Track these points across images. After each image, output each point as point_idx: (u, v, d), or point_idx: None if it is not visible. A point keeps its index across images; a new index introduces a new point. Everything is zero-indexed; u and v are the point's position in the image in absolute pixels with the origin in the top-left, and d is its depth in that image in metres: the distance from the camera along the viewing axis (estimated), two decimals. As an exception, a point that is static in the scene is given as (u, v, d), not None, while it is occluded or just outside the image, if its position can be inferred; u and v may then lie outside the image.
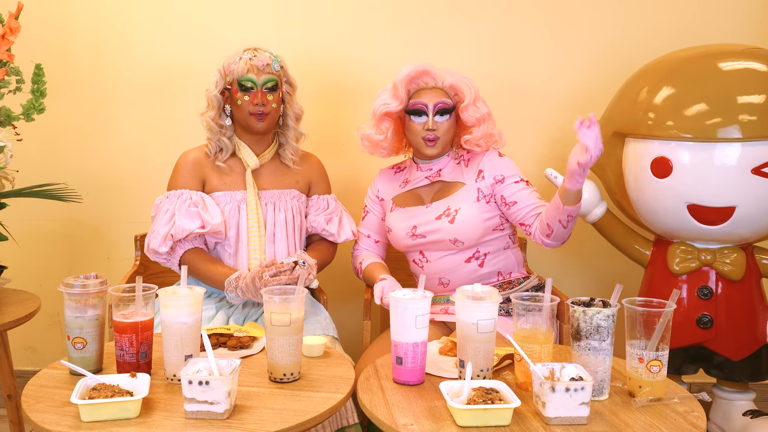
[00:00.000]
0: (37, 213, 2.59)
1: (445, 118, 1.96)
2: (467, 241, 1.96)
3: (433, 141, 1.97)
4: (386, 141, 2.05)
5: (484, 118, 1.97)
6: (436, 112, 1.95)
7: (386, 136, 2.04)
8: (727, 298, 2.07)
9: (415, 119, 1.97)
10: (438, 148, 1.99)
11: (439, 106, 1.95)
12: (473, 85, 1.98)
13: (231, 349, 1.59)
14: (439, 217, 1.97)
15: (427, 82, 1.99)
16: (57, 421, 1.23)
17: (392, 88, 1.99)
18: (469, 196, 1.98)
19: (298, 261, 1.84)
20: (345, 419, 1.69)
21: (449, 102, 1.97)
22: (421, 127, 1.96)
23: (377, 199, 2.17)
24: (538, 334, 1.40)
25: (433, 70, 1.99)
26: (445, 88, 1.99)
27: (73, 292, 1.44)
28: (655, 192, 2.03)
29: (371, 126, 2.06)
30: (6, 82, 2.02)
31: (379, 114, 2.01)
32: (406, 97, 1.99)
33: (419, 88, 1.99)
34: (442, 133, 1.97)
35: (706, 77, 1.99)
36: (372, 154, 2.10)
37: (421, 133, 1.97)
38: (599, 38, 2.54)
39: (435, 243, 2.00)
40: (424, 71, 1.98)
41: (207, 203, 1.96)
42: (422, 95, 1.97)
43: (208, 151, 2.03)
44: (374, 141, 2.06)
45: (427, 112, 1.95)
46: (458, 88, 1.97)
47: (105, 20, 2.56)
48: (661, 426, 1.24)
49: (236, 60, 1.97)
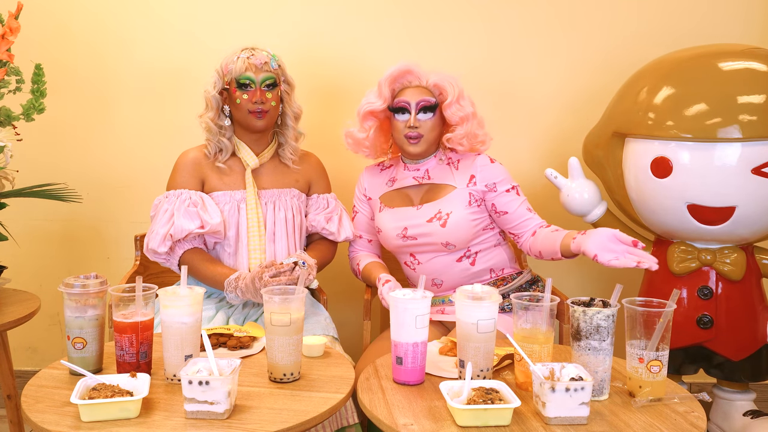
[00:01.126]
0: (37, 213, 2.59)
1: (428, 116, 1.97)
2: (459, 244, 1.97)
3: (416, 139, 1.97)
4: (368, 140, 2.06)
5: (468, 117, 1.97)
6: (419, 110, 1.96)
7: (368, 135, 2.05)
8: (727, 298, 2.07)
9: (399, 117, 1.98)
10: (422, 147, 1.98)
11: (422, 104, 1.95)
12: (458, 83, 1.99)
13: (231, 349, 1.59)
14: (431, 220, 1.97)
15: (410, 81, 2.00)
16: (57, 421, 1.23)
17: (377, 87, 2.01)
18: (460, 200, 1.98)
19: (297, 261, 1.84)
20: (345, 419, 1.69)
21: (432, 100, 1.97)
22: (404, 125, 1.97)
23: (365, 198, 2.17)
24: (538, 334, 1.40)
25: (417, 69, 2.00)
26: (429, 87, 1.99)
27: (73, 292, 1.44)
28: (655, 192, 2.03)
29: (355, 124, 2.08)
30: (6, 82, 2.02)
31: (363, 113, 2.03)
32: (390, 96, 2.01)
33: (403, 87, 2.00)
34: (425, 131, 1.97)
35: (706, 77, 1.99)
36: (356, 152, 2.12)
37: (404, 131, 1.97)
38: (599, 38, 2.54)
39: (426, 245, 2.00)
40: (408, 70, 1.99)
41: (206, 203, 1.96)
42: (405, 94, 1.98)
43: (207, 153, 2.03)
44: (356, 139, 2.07)
45: (409, 110, 1.96)
46: (442, 86, 1.98)
47: (105, 20, 2.55)
48: (661, 426, 1.24)
49: (234, 59, 1.97)
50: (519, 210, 1.98)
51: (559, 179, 2.25)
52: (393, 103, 1.99)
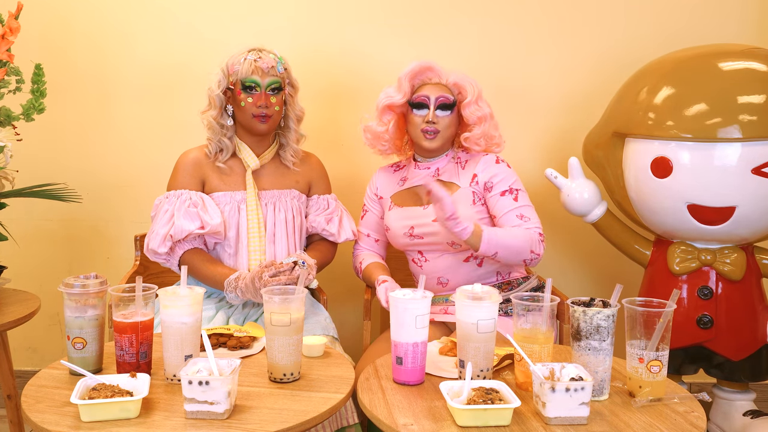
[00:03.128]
0: (37, 213, 2.59)
1: (446, 113, 1.98)
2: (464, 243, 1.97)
3: (432, 134, 1.98)
4: (387, 133, 2.07)
5: (485, 117, 1.99)
6: (438, 106, 1.97)
7: (387, 128, 2.06)
8: (727, 298, 2.07)
9: (417, 112, 1.99)
10: (437, 143, 1.99)
11: (441, 100, 1.97)
12: (477, 85, 2.01)
13: (231, 349, 1.59)
14: (436, 220, 1.97)
15: (431, 78, 2.03)
16: (57, 421, 1.23)
17: (397, 82, 2.03)
18: (465, 199, 1.98)
19: (297, 261, 1.84)
20: (345, 419, 1.69)
21: (451, 98, 1.99)
22: (422, 120, 1.98)
23: (376, 197, 2.17)
24: (538, 334, 1.40)
25: (438, 67, 2.03)
26: (449, 85, 2.02)
27: (73, 292, 1.43)
28: (655, 192, 2.03)
29: (374, 118, 2.08)
30: (6, 82, 2.02)
31: (382, 106, 2.05)
32: (410, 90, 2.02)
33: (423, 83, 2.02)
34: (442, 127, 1.98)
35: (706, 77, 1.99)
36: (373, 147, 2.12)
37: (421, 125, 1.98)
38: (599, 38, 2.54)
39: (433, 244, 2.00)
40: (429, 67, 2.02)
41: (206, 204, 1.96)
42: (425, 89, 2.00)
43: (208, 152, 2.03)
44: (376, 133, 2.08)
45: (428, 105, 1.97)
46: (461, 85, 2.00)
47: (104, 20, 2.55)
48: (661, 426, 1.24)
49: (240, 60, 1.97)
50: (507, 216, 1.95)
51: (559, 179, 2.25)
52: (413, 97, 2.01)
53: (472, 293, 1.43)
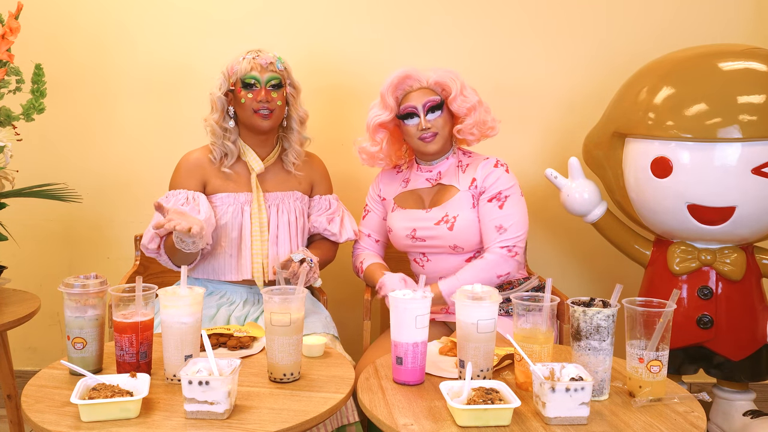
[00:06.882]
0: (37, 213, 2.59)
1: (437, 114, 1.98)
2: (467, 246, 1.98)
3: (431, 137, 1.98)
4: (382, 152, 2.07)
5: (475, 106, 1.98)
6: (427, 111, 1.97)
7: (381, 147, 2.06)
8: (727, 298, 2.07)
9: (409, 122, 1.98)
10: (438, 143, 1.99)
11: (429, 104, 1.96)
12: (458, 76, 2.00)
13: (231, 349, 1.59)
14: (438, 223, 1.98)
15: (412, 85, 2.00)
16: (57, 421, 1.23)
17: (380, 98, 2.02)
18: (465, 203, 1.99)
19: (305, 258, 1.86)
20: (345, 418, 1.69)
21: (437, 98, 1.98)
22: (416, 129, 1.98)
23: (379, 198, 2.17)
24: (538, 334, 1.40)
25: (415, 72, 2.00)
26: (431, 86, 2.00)
27: (73, 292, 1.44)
28: (655, 192, 2.03)
29: (366, 139, 2.08)
30: (6, 82, 2.02)
31: (372, 126, 2.04)
32: (395, 104, 2.01)
33: (406, 92, 2.01)
34: (438, 128, 1.98)
35: (706, 77, 1.99)
36: (372, 166, 2.13)
37: (417, 134, 1.98)
38: (599, 38, 2.54)
39: (434, 247, 2.01)
40: (407, 75, 2.00)
41: (200, 204, 1.95)
42: (410, 98, 1.98)
43: (213, 158, 2.02)
44: (370, 153, 2.08)
45: (418, 113, 1.97)
46: (443, 83, 1.99)
47: (104, 20, 2.55)
48: (661, 426, 1.24)
49: (239, 60, 1.97)
50: (486, 227, 1.96)
51: (559, 179, 2.25)
52: (400, 110, 2.00)
53: (472, 293, 1.43)
